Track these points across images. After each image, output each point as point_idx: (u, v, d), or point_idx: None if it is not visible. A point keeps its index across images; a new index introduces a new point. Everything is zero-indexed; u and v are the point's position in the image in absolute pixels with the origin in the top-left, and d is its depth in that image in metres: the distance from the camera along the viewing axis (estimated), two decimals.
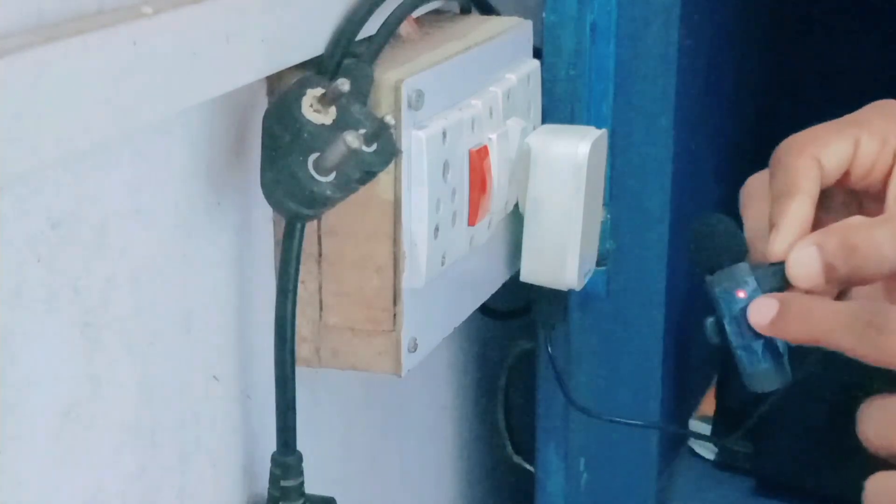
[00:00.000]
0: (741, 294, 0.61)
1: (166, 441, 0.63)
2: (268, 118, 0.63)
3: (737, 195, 0.68)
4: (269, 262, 0.71)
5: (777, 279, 0.61)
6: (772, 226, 0.62)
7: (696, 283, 0.65)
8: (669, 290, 0.97)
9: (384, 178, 0.68)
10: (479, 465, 1.11)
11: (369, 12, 0.69)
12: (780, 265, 0.61)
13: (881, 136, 0.64)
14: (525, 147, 0.83)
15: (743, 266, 0.61)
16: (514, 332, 1.06)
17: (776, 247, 0.61)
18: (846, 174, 0.64)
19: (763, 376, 0.61)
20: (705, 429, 1.11)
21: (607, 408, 0.98)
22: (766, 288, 0.61)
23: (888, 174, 0.64)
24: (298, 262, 0.67)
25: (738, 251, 0.62)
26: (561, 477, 1.00)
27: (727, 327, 0.61)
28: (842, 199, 0.66)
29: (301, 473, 0.69)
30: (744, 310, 0.61)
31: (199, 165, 0.63)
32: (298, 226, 0.67)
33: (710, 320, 0.62)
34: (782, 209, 0.62)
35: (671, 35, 0.91)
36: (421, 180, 0.70)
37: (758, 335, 0.61)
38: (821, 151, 0.63)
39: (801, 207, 0.62)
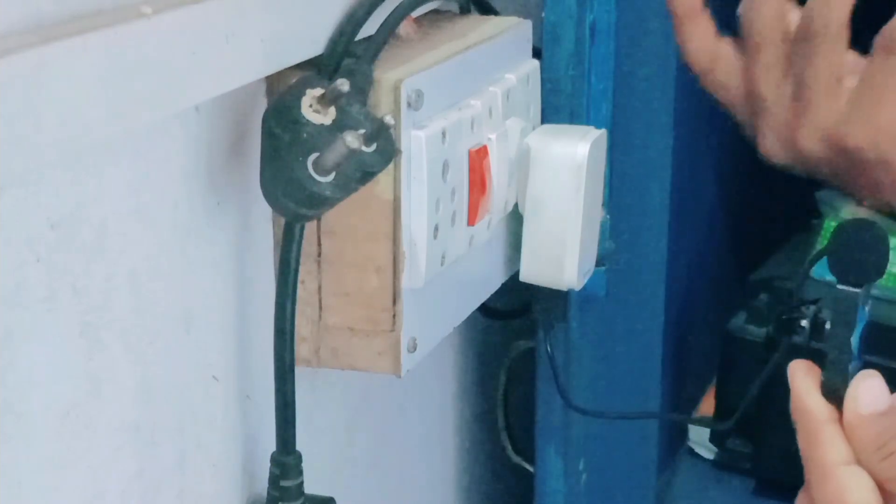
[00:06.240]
0: (867, 308, 0.62)
1: (166, 441, 0.63)
2: (267, 118, 0.63)
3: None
4: (269, 262, 0.71)
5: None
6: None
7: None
8: (669, 290, 0.97)
9: (384, 178, 0.68)
10: (479, 465, 1.11)
11: (369, 12, 0.69)
12: None
13: None
14: (524, 147, 0.83)
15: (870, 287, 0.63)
16: (514, 332, 1.06)
17: None
18: None
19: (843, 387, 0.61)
20: (705, 429, 1.11)
21: (607, 408, 0.98)
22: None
23: None
24: (298, 263, 0.67)
25: (882, 265, 0.62)
26: (561, 477, 1.00)
27: (853, 340, 0.61)
28: None
29: (300, 473, 0.69)
30: (867, 326, 0.62)
31: (199, 165, 0.63)
32: (298, 226, 0.67)
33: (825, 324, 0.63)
34: None
35: (671, 35, 0.91)
36: (420, 180, 0.70)
37: (861, 355, 0.62)
38: None
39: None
